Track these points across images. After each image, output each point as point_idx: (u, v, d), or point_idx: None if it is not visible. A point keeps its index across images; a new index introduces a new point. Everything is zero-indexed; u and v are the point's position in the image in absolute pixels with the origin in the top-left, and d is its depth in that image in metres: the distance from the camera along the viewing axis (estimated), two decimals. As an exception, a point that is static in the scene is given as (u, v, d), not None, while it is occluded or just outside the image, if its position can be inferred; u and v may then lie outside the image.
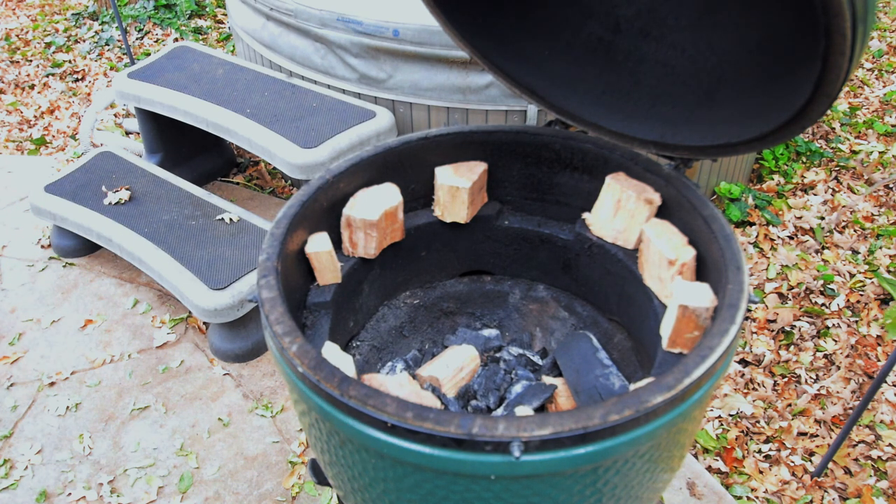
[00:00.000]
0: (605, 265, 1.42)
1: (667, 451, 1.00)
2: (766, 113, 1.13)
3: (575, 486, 0.93)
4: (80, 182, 2.80)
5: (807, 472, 2.11)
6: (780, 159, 3.47)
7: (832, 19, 0.86)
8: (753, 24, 1.14)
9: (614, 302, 1.48)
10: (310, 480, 2.06)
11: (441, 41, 2.42)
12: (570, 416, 0.86)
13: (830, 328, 2.57)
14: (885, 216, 3.15)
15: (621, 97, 1.40)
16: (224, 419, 2.26)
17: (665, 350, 1.16)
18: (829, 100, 0.98)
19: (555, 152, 1.48)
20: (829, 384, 2.37)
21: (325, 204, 1.34)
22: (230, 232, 2.55)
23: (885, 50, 4.57)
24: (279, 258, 1.16)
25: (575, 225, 1.47)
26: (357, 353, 1.51)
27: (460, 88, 2.54)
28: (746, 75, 1.20)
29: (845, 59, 0.90)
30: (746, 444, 2.19)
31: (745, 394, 2.35)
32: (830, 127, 3.79)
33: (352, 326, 1.50)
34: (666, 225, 1.29)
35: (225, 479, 2.08)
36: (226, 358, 2.46)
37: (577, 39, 1.41)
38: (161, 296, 2.75)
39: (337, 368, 0.94)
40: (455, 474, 0.90)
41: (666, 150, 1.35)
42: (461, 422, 0.85)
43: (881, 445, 2.16)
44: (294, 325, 1.03)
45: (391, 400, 0.88)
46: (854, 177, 3.44)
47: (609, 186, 1.36)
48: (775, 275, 2.83)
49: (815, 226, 3.07)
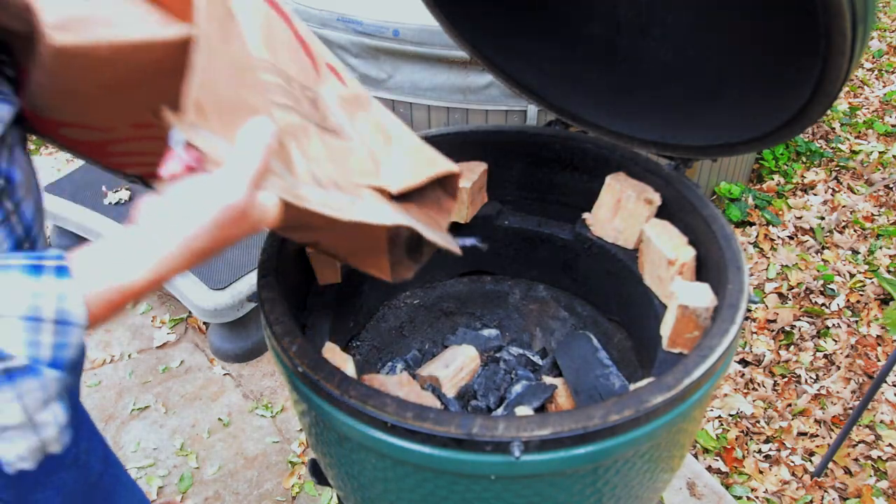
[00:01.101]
0: (605, 265, 1.42)
1: (667, 451, 1.00)
2: (766, 113, 1.13)
3: (575, 486, 0.93)
4: (80, 182, 2.80)
5: (807, 472, 2.11)
6: (780, 159, 3.47)
7: (832, 19, 0.86)
8: (753, 24, 1.14)
9: (614, 302, 1.48)
10: (310, 480, 2.06)
11: (441, 41, 2.42)
12: (570, 416, 0.86)
13: (830, 328, 2.57)
14: (885, 216, 3.15)
15: (621, 97, 1.40)
16: (224, 419, 2.26)
17: (665, 350, 1.16)
18: (829, 100, 0.98)
19: (555, 152, 1.48)
20: (829, 384, 2.37)
21: (325, 204, 1.34)
22: (230, 232, 2.55)
23: (885, 50, 4.57)
24: (279, 258, 1.16)
25: (575, 225, 1.47)
26: (357, 353, 1.51)
27: (460, 88, 2.54)
28: (746, 75, 1.20)
29: (845, 59, 0.90)
30: (746, 444, 2.19)
31: (745, 394, 2.35)
32: (830, 127, 3.79)
33: (352, 326, 1.50)
34: (666, 225, 1.29)
35: (225, 479, 2.08)
36: (226, 358, 2.45)
37: (577, 39, 1.41)
38: (161, 296, 2.75)
39: (337, 368, 0.94)
40: (455, 474, 0.90)
41: (666, 150, 1.35)
42: (461, 422, 0.85)
43: (881, 445, 2.16)
44: (294, 325, 1.03)
45: (391, 400, 0.88)
46: (854, 177, 3.44)
47: (609, 186, 1.36)
48: (775, 275, 2.83)
49: (815, 226, 3.07)
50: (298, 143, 0.79)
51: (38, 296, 0.58)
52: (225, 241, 0.66)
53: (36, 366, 0.58)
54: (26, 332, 0.57)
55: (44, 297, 0.58)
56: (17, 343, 0.57)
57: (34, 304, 0.58)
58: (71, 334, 0.60)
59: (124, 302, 0.63)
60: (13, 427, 0.60)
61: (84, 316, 0.60)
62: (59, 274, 0.60)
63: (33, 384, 0.59)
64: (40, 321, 0.58)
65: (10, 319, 0.57)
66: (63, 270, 0.60)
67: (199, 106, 0.64)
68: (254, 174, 0.65)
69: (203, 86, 0.64)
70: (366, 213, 0.81)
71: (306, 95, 0.86)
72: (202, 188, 0.64)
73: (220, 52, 0.68)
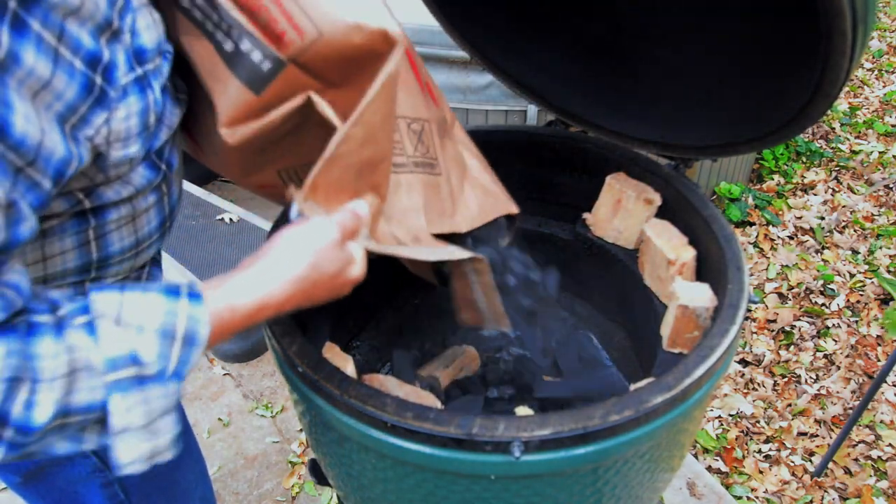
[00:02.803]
0: (605, 265, 1.42)
1: (667, 451, 1.00)
2: (766, 113, 1.13)
3: (575, 486, 0.93)
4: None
5: (807, 472, 2.11)
6: (780, 159, 3.47)
7: (832, 19, 0.86)
8: (753, 24, 1.14)
9: (614, 302, 1.48)
10: (310, 480, 2.06)
11: (441, 41, 2.42)
12: (570, 416, 0.86)
13: (830, 328, 2.57)
14: (885, 216, 3.15)
15: (621, 97, 1.40)
16: (224, 419, 2.26)
17: (665, 350, 1.16)
18: (830, 100, 0.98)
19: (555, 152, 1.48)
20: (829, 384, 2.37)
21: (325, 204, 1.34)
22: (230, 232, 2.55)
23: (885, 50, 4.57)
24: (279, 258, 1.16)
25: (575, 225, 1.46)
26: (357, 353, 1.51)
27: (460, 88, 2.54)
28: (746, 75, 1.20)
29: (845, 59, 0.90)
30: (746, 444, 2.19)
31: (745, 394, 2.35)
32: (830, 127, 3.79)
33: (352, 326, 1.50)
34: (666, 225, 1.29)
35: (225, 479, 2.08)
36: (226, 358, 2.46)
37: (577, 39, 1.41)
38: (161, 296, 2.75)
39: (337, 368, 0.94)
40: (455, 474, 0.90)
41: (666, 150, 1.35)
42: (461, 422, 0.85)
43: (881, 445, 2.16)
44: (294, 325, 1.03)
45: (391, 400, 0.88)
46: (854, 177, 3.44)
47: (609, 186, 1.35)
48: (775, 275, 2.83)
49: (815, 226, 3.07)
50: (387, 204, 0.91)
51: (173, 314, 0.66)
52: (323, 285, 0.78)
53: (163, 376, 0.66)
54: (160, 346, 0.65)
55: (178, 317, 0.67)
56: (151, 353, 0.65)
57: (169, 322, 0.66)
58: (193, 353, 0.68)
59: (233, 325, 0.72)
60: (135, 429, 0.66)
61: (207, 338, 0.69)
62: (192, 298, 0.68)
63: (158, 391, 0.66)
64: (172, 338, 0.66)
65: (148, 333, 0.65)
66: (196, 296, 0.69)
67: (316, 186, 0.77)
68: (344, 223, 0.80)
69: (324, 173, 0.76)
70: (435, 254, 0.95)
71: (412, 129, 0.93)
72: (302, 232, 0.77)
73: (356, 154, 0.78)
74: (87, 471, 1.02)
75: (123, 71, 0.67)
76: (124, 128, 0.69)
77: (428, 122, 0.98)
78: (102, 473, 1.03)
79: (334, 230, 0.78)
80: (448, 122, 1.07)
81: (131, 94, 0.69)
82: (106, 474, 1.04)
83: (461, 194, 1.05)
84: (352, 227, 0.81)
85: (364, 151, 0.79)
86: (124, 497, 1.08)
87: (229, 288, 0.72)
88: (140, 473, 1.10)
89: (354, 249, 0.81)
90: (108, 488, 1.05)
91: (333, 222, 0.79)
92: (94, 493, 1.05)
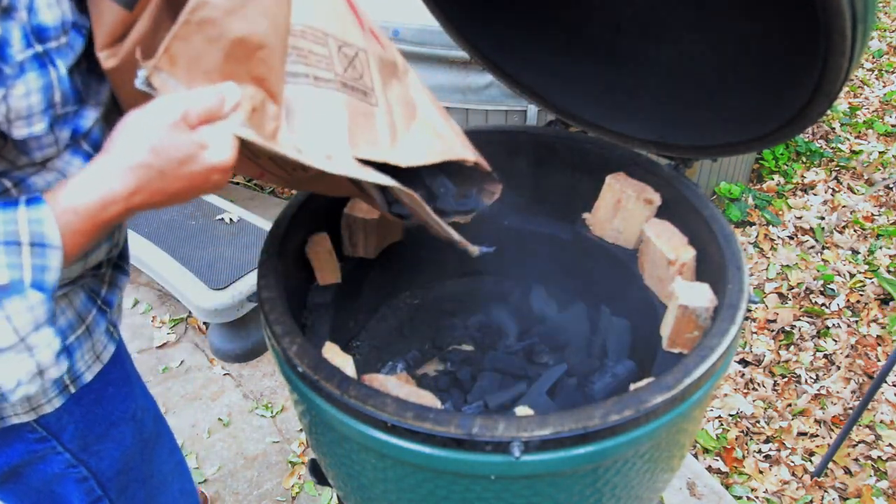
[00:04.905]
0: (605, 265, 1.42)
1: (667, 451, 1.00)
2: (766, 113, 1.13)
3: (575, 486, 0.93)
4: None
5: (807, 472, 2.11)
6: (780, 159, 3.47)
7: (832, 19, 0.86)
8: (753, 24, 1.14)
9: (614, 302, 1.48)
10: (310, 480, 2.06)
11: (441, 41, 2.42)
12: (570, 416, 0.86)
13: (830, 328, 2.58)
14: (885, 216, 3.15)
15: (621, 97, 1.40)
16: (224, 419, 2.26)
17: (665, 350, 1.16)
18: (829, 100, 0.98)
19: (555, 152, 1.48)
20: (829, 384, 2.37)
21: (326, 204, 1.34)
22: (230, 232, 2.55)
23: (885, 50, 4.57)
24: (279, 258, 1.17)
25: (575, 225, 1.46)
26: (357, 353, 1.51)
27: (460, 88, 2.54)
28: (746, 75, 1.20)
29: (845, 60, 0.90)
30: (746, 444, 2.19)
31: (745, 394, 2.35)
32: (830, 127, 3.79)
33: (352, 326, 1.50)
34: (666, 225, 1.29)
35: (225, 479, 2.08)
36: (226, 358, 2.46)
37: (577, 39, 1.41)
38: (161, 296, 2.75)
39: (337, 368, 0.94)
40: (455, 474, 0.90)
41: (666, 150, 1.35)
42: (461, 422, 0.85)
43: (881, 445, 2.16)
44: (294, 325, 1.03)
45: (391, 400, 0.88)
46: (854, 177, 3.44)
47: (609, 186, 1.35)
48: (775, 275, 2.83)
49: (815, 226, 3.07)
50: (293, 114, 0.82)
51: (13, 222, 0.64)
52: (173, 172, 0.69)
53: (19, 286, 0.64)
54: (5, 256, 0.63)
55: (18, 224, 0.64)
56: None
57: (10, 230, 0.64)
58: (49, 257, 0.65)
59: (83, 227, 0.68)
60: (7, 348, 0.65)
61: (59, 239, 0.65)
62: (30, 203, 0.65)
63: (20, 305, 0.64)
64: (18, 245, 0.63)
65: None
66: (33, 200, 0.66)
67: (172, 56, 0.69)
68: (194, 102, 0.69)
69: (179, 38, 0.68)
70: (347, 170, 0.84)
71: (343, 52, 0.88)
72: (140, 114, 0.69)
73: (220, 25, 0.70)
74: (60, 468, 1.01)
75: (19, 48, 0.66)
76: (25, 105, 0.68)
77: (364, 52, 0.93)
78: (77, 469, 1.03)
79: (175, 109, 0.68)
80: (399, 67, 1.02)
81: (29, 70, 0.67)
82: (80, 470, 1.03)
83: (406, 132, 0.97)
84: (207, 107, 0.70)
85: (231, 24, 0.71)
86: (102, 492, 1.07)
87: (69, 188, 0.68)
88: (115, 467, 1.08)
89: (210, 133, 0.70)
90: (83, 483, 1.05)
91: (176, 100, 0.69)
92: (70, 490, 1.04)
